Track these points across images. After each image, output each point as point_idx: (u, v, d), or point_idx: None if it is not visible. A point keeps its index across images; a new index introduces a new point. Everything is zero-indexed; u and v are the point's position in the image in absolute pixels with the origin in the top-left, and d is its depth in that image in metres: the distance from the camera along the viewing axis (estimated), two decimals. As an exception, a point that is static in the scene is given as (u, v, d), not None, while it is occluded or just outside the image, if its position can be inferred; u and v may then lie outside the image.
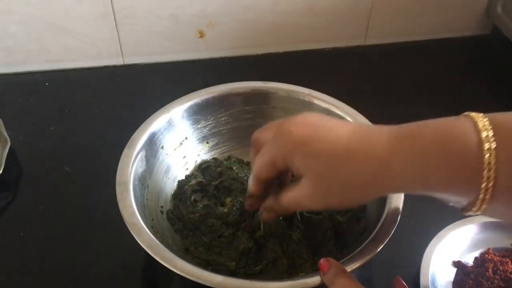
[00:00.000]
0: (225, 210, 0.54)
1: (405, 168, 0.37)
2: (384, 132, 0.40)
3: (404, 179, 0.38)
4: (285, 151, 0.43)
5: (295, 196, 0.44)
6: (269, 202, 0.48)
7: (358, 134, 0.40)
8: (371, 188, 0.40)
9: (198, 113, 0.62)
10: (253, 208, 0.50)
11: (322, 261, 0.44)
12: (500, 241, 0.56)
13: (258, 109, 0.64)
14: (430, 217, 0.60)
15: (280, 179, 0.48)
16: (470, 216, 0.39)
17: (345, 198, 0.42)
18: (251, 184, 0.48)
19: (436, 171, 0.36)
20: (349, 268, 0.44)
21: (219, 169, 0.60)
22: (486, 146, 0.33)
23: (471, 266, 0.54)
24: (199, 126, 0.62)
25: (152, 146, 0.57)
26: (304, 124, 0.42)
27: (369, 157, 0.39)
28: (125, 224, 0.47)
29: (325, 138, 0.41)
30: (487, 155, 0.33)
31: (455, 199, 0.38)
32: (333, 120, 0.44)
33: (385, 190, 0.44)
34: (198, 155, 0.63)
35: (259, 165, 0.45)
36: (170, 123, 0.59)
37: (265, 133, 0.47)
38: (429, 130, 0.37)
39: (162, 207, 0.57)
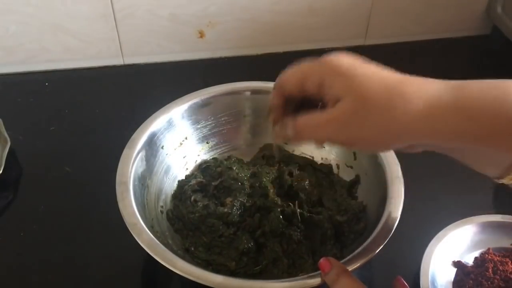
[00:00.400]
0: (225, 210, 0.54)
1: (456, 117, 0.35)
2: (437, 82, 0.38)
3: (450, 130, 0.36)
4: (325, 70, 0.39)
5: (318, 120, 0.39)
6: (288, 119, 0.42)
7: (410, 78, 0.38)
8: (413, 131, 0.37)
9: (198, 113, 0.62)
10: (277, 123, 0.45)
11: (322, 260, 0.43)
12: (500, 241, 0.56)
13: (258, 109, 0.64)
14: (430, 217, 0.60)
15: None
16: (502, 184, 0.38)
17: (378, 135, 0.38)
18: (271, 97, 0.44)
19: (488, 126, 0.35)
20: (349, 268, 0.44)
21: (219, 169, 0.60)
22: None
23: (471, 266, 0.54)
24: (199, 126, 0.62)
25: (152, 146, 0.57)
26: (351, 57, 0.40)
27: (422, 99, 0.36)
28: (125, 224, 0.47)
29: (376, 71, 0.39)
30: None
31: (497, 159, 0.37)
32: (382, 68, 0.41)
33: (425, 137, 0.38)
34: (198, 155, 0.63)
35: (288, 75, 0.42)
36: (170, 123, 0.59)
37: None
38: (482, 86, 0.37)
39: (162, 207, 0.57)
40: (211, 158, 0.63)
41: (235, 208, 0.54)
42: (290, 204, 0.55)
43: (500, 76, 0.39)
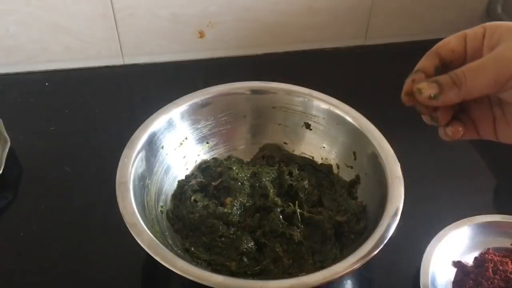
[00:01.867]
0: (225, 210, 0.54)
1: None
2: None
3: None
4: (487, 25, 0.38)
5: (481, 62, 0.36)
6: (437, 77, 0.38)
7: None
8: None
9: (198, 113, 0.61)
10: (410, 88, 0.41)
11: None
12: (500, 241, 0.56)
13: (258, 109, 0.64)
14: (430, 217, 0.60)
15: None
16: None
17: None
18: (423, 58, 0.41)
19: None
20: (349, 268, 0.44)
21: (219, 169, 0.60)
22: None
23: (471, 266, 0.54)
24: (199, 126, 0.62)
25: (152, 146, 0.57)
26: None
27: None
28: (125, 224, 0.47)
29: None
30: None
31: None
32: None
33: None
34: (198, 155, 0.63)
35: (449, 37, 0.40)
36: (170, 123, 0.59)
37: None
38: None
39: (162, 207, 0.57)
40: (211, 158, 0.63)
41: (235, 208, 0.54)
42: (290, 204, 0.55)
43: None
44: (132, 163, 0.53)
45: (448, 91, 0.37)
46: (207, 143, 0.63)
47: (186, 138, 0.61)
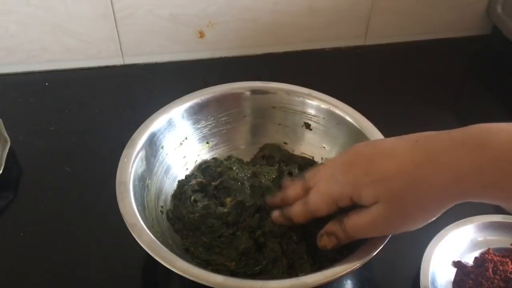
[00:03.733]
0: (225, 210, 0.54)
1: (476, 173, 0.37)
2: (446, 139, 0.40)
3: (476, 184, 0.38)
4: (349, 187, 0.42)
5: (367, 223, 0.43)
6: (332, 227, 0.46)
7: (421, 145, 0.40)
8: (447, 196, 0.40)
9: (198, 113, 0.61)
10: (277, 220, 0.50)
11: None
12: (500, 241, 0.56)
13: (258, 109, 0.64)
14: (430, 217, 0.60)
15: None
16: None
17: (422, 212, 0.41)
18: (297, 209, 0.48)
19: (506, 177, 0.36)
20: (349, 268, 0.44)
21: (219, 169, 0.60)
22: None
23: (471, 266, 0.54)
24: (199, 126, 0.62)
25: (152, 146, 0.57)
26: (360, 154, 0.43)
27: (440, 166, 0.38)
28: (125, 224, 0.47)
29: (389, 159, 0.41)
30: None
31: None
32: (385, 140, 0.44)
33: (461, 197, 0.41)
34: (198, 155, 0.63)
35: (318, 202, 0.45)
36: (170, 123, 0.59)
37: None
38: (496, 139, 0.37)
39: (162, 207, 0.57)
40: (211, 158, 0.63)
41: (235, 208, 0.54)
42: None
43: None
44: (132, 163, 0.53)
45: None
46: (207, 143, 0.63)
47: (186, 138, 0.61)
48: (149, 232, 0.47)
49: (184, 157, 0.61)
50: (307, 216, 0.47)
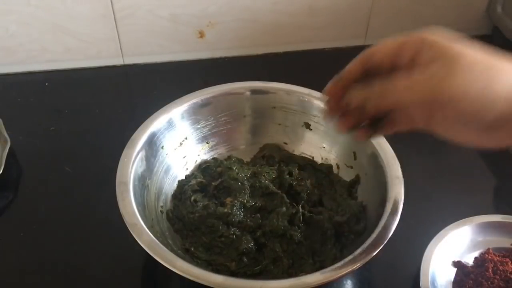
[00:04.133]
0: (225, 210, 0.54)
1: None
2: None
3: None
4: (423, 41, 0.38)
5: (412, 78, 0.37)
6: (370, 90, 0.39)
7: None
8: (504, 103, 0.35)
9: (198, 113, 0.62)
10: (330, 94, 0.44)
11: None
12: (500, 241, 0.56)
13: (258, 109, 0.64)
14: (430, 217, 0.60)
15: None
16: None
17: (476, 92, 0.35)
18: (354, 61, 0.42)
19: None
20: (349, 268, 0.44)
21: (219, 169, 0.60)
22: None
23: (471, 266, 0.54)
24: (199, 126, 0.62)
25: (152, 146, 0.57)
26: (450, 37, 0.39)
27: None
28: (125, 224, 0.47)
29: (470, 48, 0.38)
30: None
31: None
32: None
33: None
34: (198, 155, 0.63)
35: (382, 44, 0.40)
36: (170, 123, 0.59)
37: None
38: None
39: (162, 207, 0.57)
40: (211, 158, 0.63)
41: (235, 208, 0.54)
42: (294, 204, 0.55)
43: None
44: (132, 163, 0.53)
45: (373, 103, 0.39)
46: (207, 143, 0.63)
47: (186, 138, 0.61)
48: (149, 232, 0.47)
49: (184, 157, 0.61)
50: (361, 60, 0.42)
